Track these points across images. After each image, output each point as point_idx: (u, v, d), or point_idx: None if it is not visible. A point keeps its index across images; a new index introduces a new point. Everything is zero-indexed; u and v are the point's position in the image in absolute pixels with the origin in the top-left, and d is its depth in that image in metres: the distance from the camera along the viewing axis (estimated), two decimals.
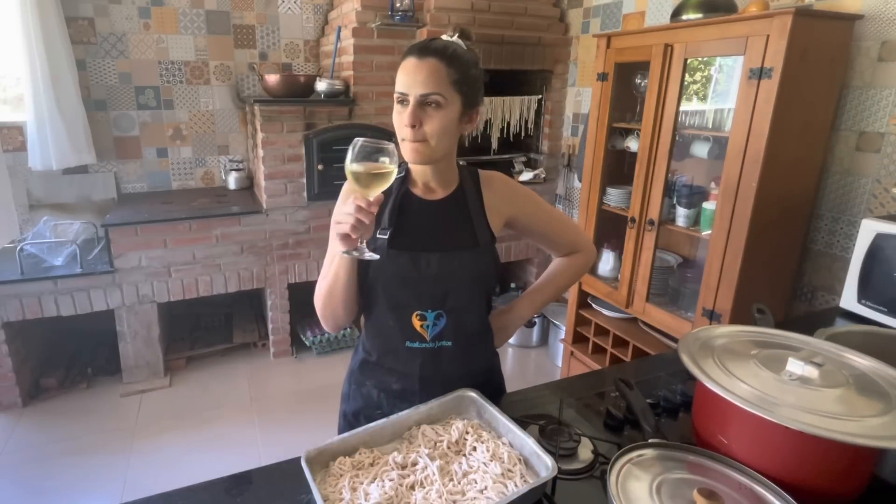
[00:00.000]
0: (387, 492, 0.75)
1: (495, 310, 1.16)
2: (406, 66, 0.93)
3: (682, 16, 1.93)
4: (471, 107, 0.97)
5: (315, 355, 3.02)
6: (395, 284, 0.98)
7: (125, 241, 2.51)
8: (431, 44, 0.93)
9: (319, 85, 2.73)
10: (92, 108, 2.82)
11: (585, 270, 1.24)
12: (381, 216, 0.99)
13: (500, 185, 1.08)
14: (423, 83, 0.90)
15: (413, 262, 0.97)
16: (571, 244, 1.18)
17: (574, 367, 2.64)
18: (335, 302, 0.98)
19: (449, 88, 0.91)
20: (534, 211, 1.12)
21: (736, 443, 0.78)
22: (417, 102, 0.91)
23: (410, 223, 1.00)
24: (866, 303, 1.47)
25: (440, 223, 1.01)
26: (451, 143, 0.97)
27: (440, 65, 0.91)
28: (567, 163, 3.22)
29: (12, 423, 2.40)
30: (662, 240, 2.26)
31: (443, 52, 0.92)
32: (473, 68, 0.96)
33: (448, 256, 0.98)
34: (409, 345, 1.00)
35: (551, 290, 1.20)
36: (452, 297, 0.99)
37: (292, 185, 2.76)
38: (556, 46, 3.05)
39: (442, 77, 0.90)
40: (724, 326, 1.02)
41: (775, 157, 1.67)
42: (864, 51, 1.74)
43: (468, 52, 0.96)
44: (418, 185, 1.03)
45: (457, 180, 1.04)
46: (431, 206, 1.02)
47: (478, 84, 0.98)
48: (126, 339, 2.64)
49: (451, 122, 0.93)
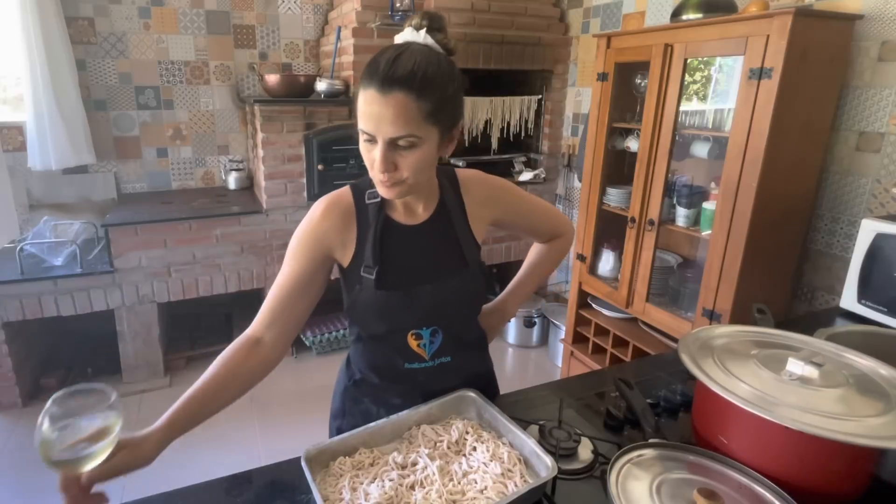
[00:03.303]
0: (387, 492, 0.75)
1: (484, 309, 1.13)
2: (367, 99, 0.78)
3: (682, 16, 1.93)
4: (450, 130, 0.85)
5: (315, 355, 3.02)
6: (386, 320, 0.93)
7: (125, 241, 2.51)
8: (395, 70, 0.76)
9: (319, 85, 2.73)
10: (92, 108, 2.82)
11: (567, 252, 1.21)
12: (362, 250, 0.91)
13: (479, 187, 1.01)
14: (392, 124, 0.77)
15: (404, 297, 0.92)
16: (553, 230, 1.15)
17: (574, 367, 2.64)
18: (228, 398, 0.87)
19: (423, 125, 0.78)
20: (515, 207, 1.07)
21: (736, 443, 0.78)
22: (387, 144, 0.78)
23: (396, 256, 0.92)
24: (866, 303, 1.47)
25: (428, 250, 0.95)
26: (432, 170, 0.90)
27: (408, 99, 0.76)
28: (567, 163, 3.22)
29: (12, 423, 2.40)
30: (662, 240, 2.26)
31: (410, 82, 0.76)
32: (450, 86, 0.81)
33: (440, 285, 0.93)
34: (408, 366, 0.96)
35: (536, 279, 1.20)
36: (447, 317, 0.96)
37: (292, 185, 2.76)
38: (556, 46, 3.05)
39: (412, 114, 0.77)
40: (724, 326, 1.02)
41: (775, 157, 1.67)
42: (864, 51, 1.74)
43: (441, 64, 0.81)
44: (397, 208, 0.94)
45: (437, 192, 0.96)
46: (415, 232, 0.94)
47: (456, 101, 0.84)
48: (126, 339, 2.63)
49: (428, 155, 0.82)
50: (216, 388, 0.85)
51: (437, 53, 0.82)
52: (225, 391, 0.86)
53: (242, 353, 0.89)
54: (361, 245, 0.92)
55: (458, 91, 0.85)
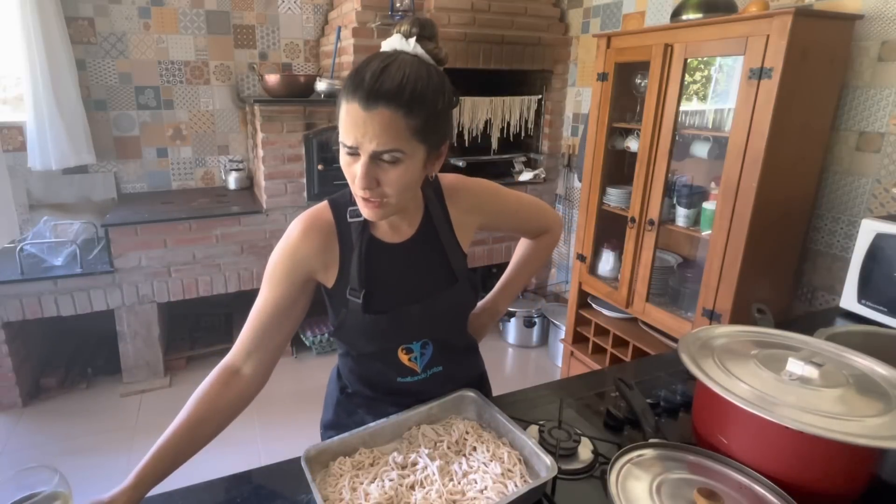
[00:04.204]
0: (387, 492, 0.75)
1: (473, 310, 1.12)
2: (350, 112, 0.72)
3: (682, 16, 1.93)
4: (438, 147, 0.81)
5: (315, 355, 3.02)
6: (377, 339, 0.91)
7: (125, 241, 2.51)
8: (381, 83, 0.71)
9: (319, 85, 2.73)
10: (92, 108, 2.82)
11: (555, 246, 1.19)
12: (346, 272, 0.88)
13: (464, 196, 0.96)
14: (376, 138, 0.72)
15: (393, 319, 0.89)
16: (540, 226, 1.13)
17: (574, 367, 2.64)
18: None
19: (409, 141, 0.74)
20: (500, 209, 1.04)
21: (736, 443, 0.78)
22: (370, 158, 0.74)
23: (382, 278, 0.89)
24: (866, 303, 1.47)
25: (415, 269, 0.91)
26: (416, 189, 0.85)
27: (396, 115, 0.71)
28: (567, 163, 3.22)
29: (12, 423, 2.40)
30: (662, 240, 2.26)
31: (398, 97, 0.71)
32: (440, 100, 0.76)
33: (429, 304, 0.91)
34: (400, 380, 0.95)
35: (524, 277, 1.19)
36: (437, 330, 0.95)
37: (292, 185, 2.76)
38: (556, 46, 3.05)
39: (399, 130, 0.72)
40: (724, 326, 1.02)
41: (775, 157, 1.67)
42: (864, 51, 1.74)
43: (431, 77, 0.76)
44: (381, 226, 0.90)
45: (422, 206, 0.92)
46: (401, 250, 0.90)
47: (446, 117, 0.79)
48: (126, 339, 2.63)
49: (413, 174, 0.78)
50: (193, 429, 0.81)
51: (427, 65, 0.77)
52: (203, 429, 0.83)
53: (220, 386, 0.85)
54: (345, 266, 0.88)
55: (448, 106, 0.79)
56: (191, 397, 0.84)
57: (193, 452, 0.82)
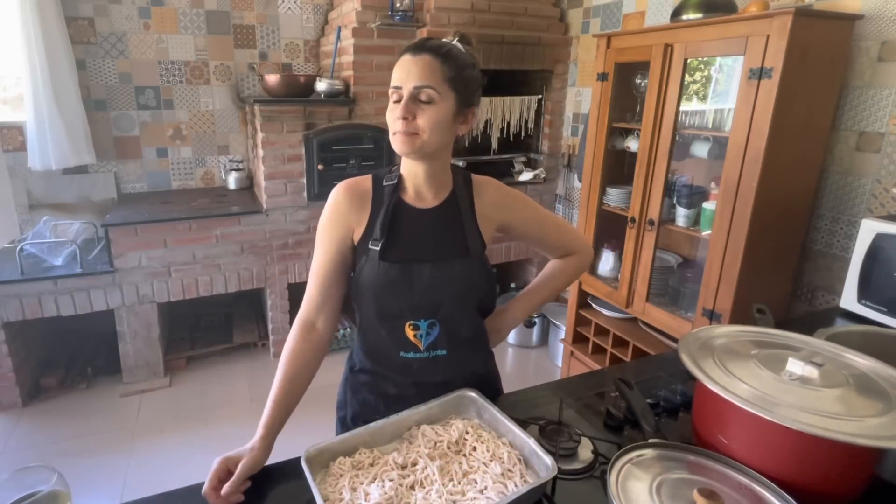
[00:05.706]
0: (387, 492, 0.75)
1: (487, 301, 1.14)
2: (401, 62, 0.94)
3: (682, 16, 1.93)
4: (466, 106, 0.96)
5: None
6: (386, 295, 0.97)
7: (125, 241, 2.51)
8: (427, 42, 0.94)
9: (319, 85, 2.73)
10: (92, 108, 2.82)
11: (582, 272, 1.23)
12: (373, 226, 0.99)
13: (493, 192, 1.07)
14: (417, 76, 0.90)
15: (404, 272, 0.96)
16: (566, 247, 1.17)
17: (574, 367, 2.64)
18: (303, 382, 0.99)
19: (443, 84, 0.91)
20: (527, 216, 1.11)
21: (736, 443, 0.78)
22: (411, 96, 0.91)
23: (402, 233, 0.99)
24: (866, 303, 1.47)
25: (431, 233, 1.00)
26: (444, 140, 0.96)
27: (434, 61, 0.91)
28: (567, 163, 3.22)
29: (12, 423, 2.40)
30: (662, 240, 2.26)
31: (438, 50, 0.92)
32: (469, 69, 0.96)
33: (439, 267, 0.98)
34: (402, 355, 1.00)
35: (546, 292, 1.20)
36: (445, 307, 0.98)
37: (292, 185, 2.76)
38: (556, 46, 3.05)
39: (436, 72, 0.91)
40: (724, 326, 1.02)
41: (775, 157, 1.67)
42: (864, 51, 1.74)
43: (465, 54, 0.97)
44: (409, 192, 1.01)
45: (450, 185, 1.03)
46: (423, 215, 1.01)
47: (474, 84, 0.98)
48: (126, 339, 2.64)
49: (444, 117, 0.93)
50: (292, 382, 0.95)
51: (464, 51, 0.97)
52: (299, 384, 0.97)
53: (305, 342, 0.98)
54: (373, 221, 0.99)
55: (477, 79, 0.98)
56: (282, 355, 0.98)
57: (297, 402, 0.97)
